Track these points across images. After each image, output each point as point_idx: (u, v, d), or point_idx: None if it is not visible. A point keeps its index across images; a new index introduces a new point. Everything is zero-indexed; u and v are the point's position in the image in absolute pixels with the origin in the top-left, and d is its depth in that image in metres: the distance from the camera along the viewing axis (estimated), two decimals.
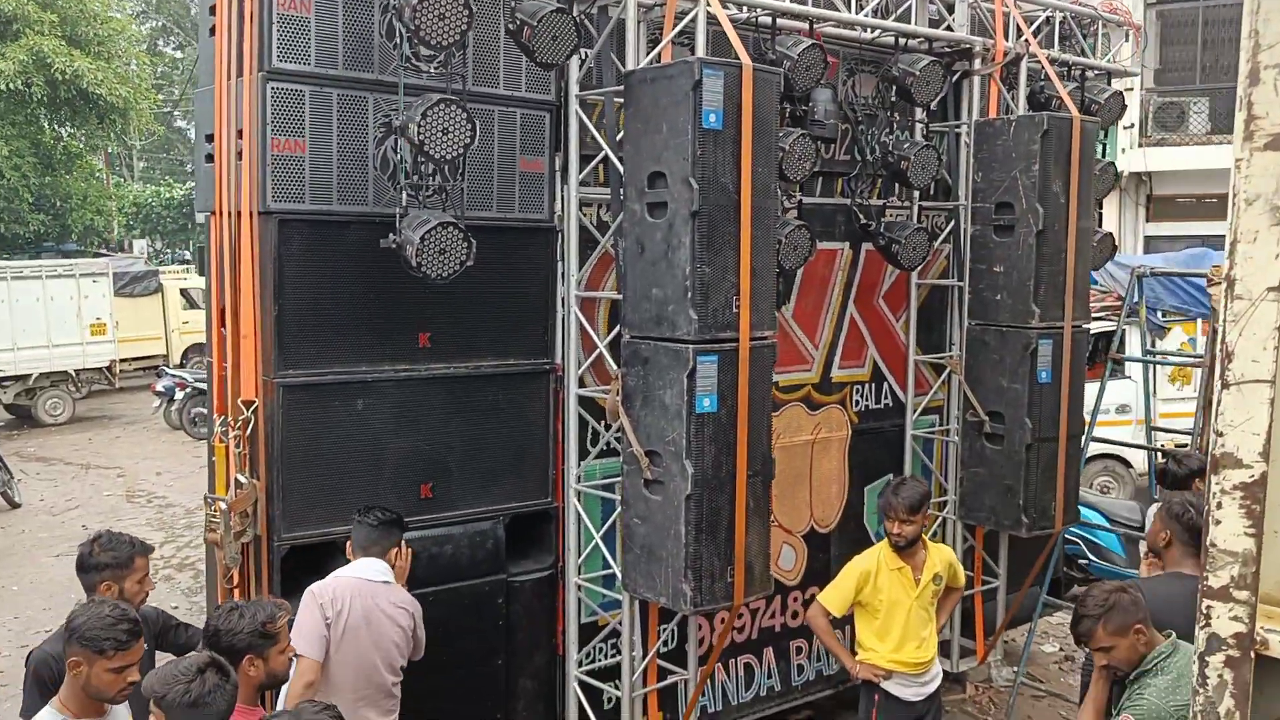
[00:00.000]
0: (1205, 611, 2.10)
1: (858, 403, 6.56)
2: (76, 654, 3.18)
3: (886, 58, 6.01)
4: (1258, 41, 1.90)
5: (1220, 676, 2.11)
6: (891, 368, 6.68)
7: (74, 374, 17.63)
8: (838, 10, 5.68)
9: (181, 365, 19.13)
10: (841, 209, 6.21)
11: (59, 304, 17.42)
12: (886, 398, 6.69)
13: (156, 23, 43.15)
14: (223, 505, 4.60)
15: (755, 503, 4.72)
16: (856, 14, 5.74)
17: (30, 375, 17.11)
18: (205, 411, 15.51)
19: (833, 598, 5.05)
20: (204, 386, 15.65)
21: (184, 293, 20.78)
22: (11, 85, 20.12)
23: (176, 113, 42.38)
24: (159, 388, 16.35)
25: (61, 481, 13.55)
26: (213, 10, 4.76)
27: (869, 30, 5.96)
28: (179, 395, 16.01)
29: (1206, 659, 2.14)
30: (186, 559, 10.20)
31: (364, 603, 4.22)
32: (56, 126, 24.18)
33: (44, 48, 20.37)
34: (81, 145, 25.75)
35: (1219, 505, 2.04)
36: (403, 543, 4.47)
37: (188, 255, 36.77)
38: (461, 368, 5.00)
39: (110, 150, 32.62)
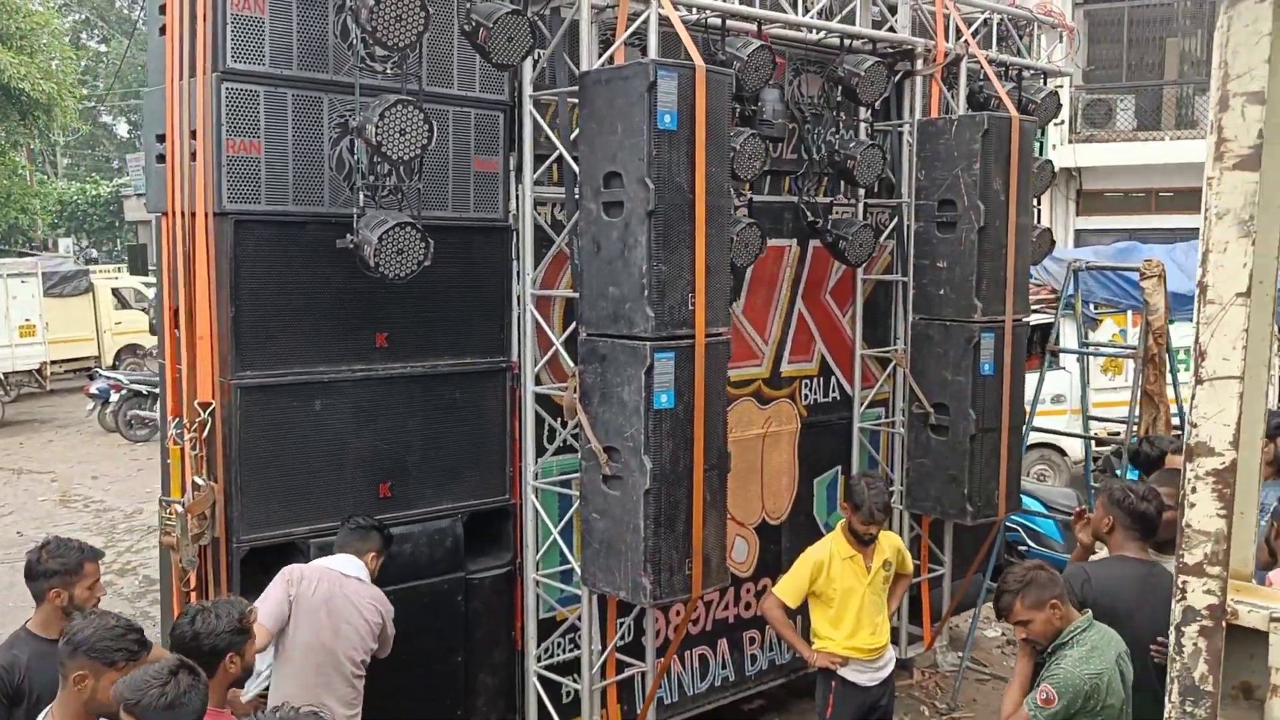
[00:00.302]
0: (1181, 586, 2.33)
1: (806, 396, 6.69)
2: (83, 667, 3.11)
3: (832, 58, 6.14)
4: (1227, 72, 2.12)
5: (1195, 645, 2.32)
6: (839, 362, 6.82)
7: (3, 377, 17.20)
8: (784, 12, 5.79)
9: (115, 367, 18.74)
10: (789, 207, 6.33)
11: None
12: (834, 391, 6.83)
13: (79, 15, 42.09)
14: (179, 508, 4.57)
15: (712, 496, 4.81)
16: (803, 16, 5.86)
17: None
18: (141, 414, 15.28)
19: (787, 589, 5.16)
20: (140, 388, 15.42)
21: (116, 292, 20.35)
22: None
23: (101, 108, 41.44)
24: (93, 390, 16.01)
25: None
26: (163, 9, 4.72)
27: (815, 31, 6.09)
28: (114, 397, 15.69)
29: (1182, 629, 2.35)
30: (129, 564, 10.02)
31: (329, 588, 4.29)
32: None
33: None
34: (3, 141, 25.06)
35: (1194, 490, 2.28)
36: (379, 557, 4.52)
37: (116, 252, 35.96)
38: (419, 367, 5.02)
39: (33, 147, 31.79)
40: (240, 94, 4.44)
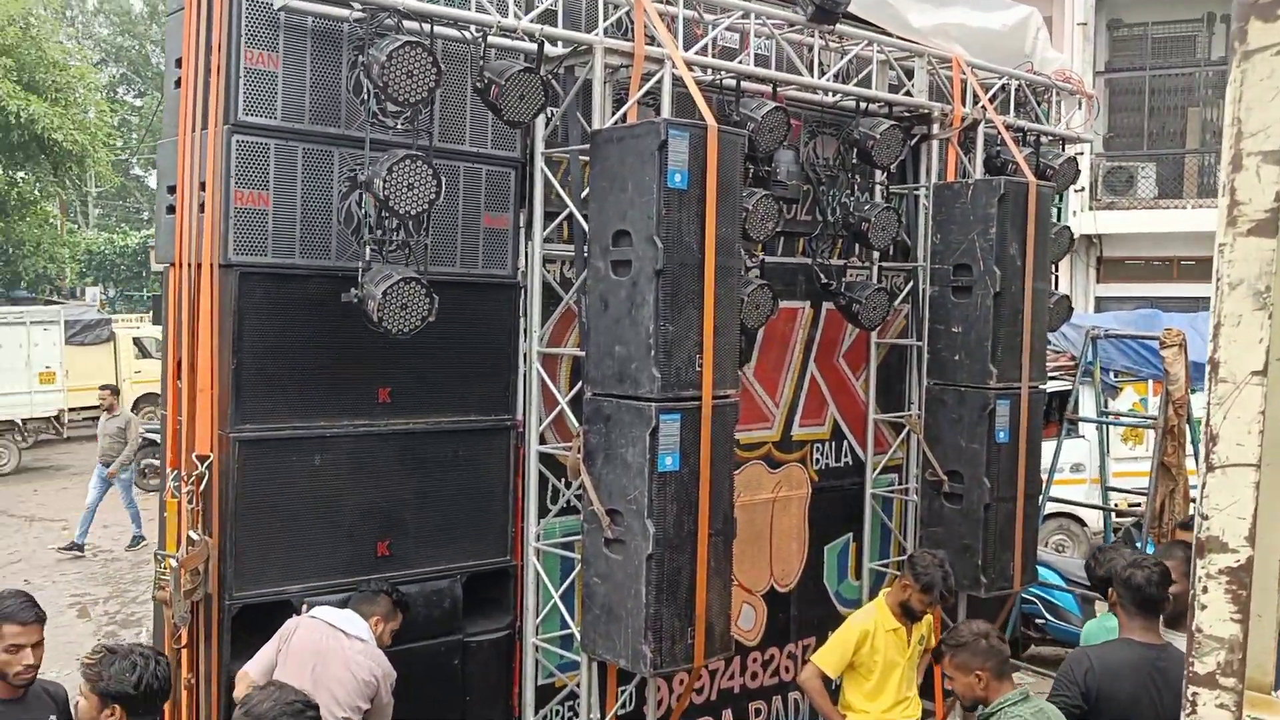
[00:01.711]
0: (1191, 699, 2.06)
1: (818, 461, 6.57)
2: None
3: (848, 121, 6.11)
4: (1240, 130, 1.93)
5: None
6: (851, 426, 6.71)
7: (20, 423, 17.24)
8: (801, 75, 5.78)
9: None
10: (803, 268, 6.27)
11: (8, 351, 17.09)
12: (846, 456, 6.71)
13: (116, 71, 42.97)
14: (173, 562, 4.49)
15: (716, 562, 4.69)
16: (819, 78, 5.85)
17: None
18: (155, 463, 15.25)
19: (830, 658, 4.95)
20: (154, 438, 15.39)
21: (137, 341, 20.47)
22: None
23: (133, 160, 42.11)
24: None
25: (4, 534, 13.19)
26: (179, 63, 4.74)
27: (831, 94, 6.07)
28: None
29: None
30: (132, 614, 9.93)
31: (322, 640, 4.23)
32: (10, 172, 23.91)
33: (0, 92, 20.17)
34: (35, 191, 25.45)
35: (1204, 590, 2.03)
36: (386, 621, 4.43)
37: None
38: (421, 423, 4.95)
39: (66, 197, 32.28)
40: (250, 146, 4.44)
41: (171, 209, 4.85)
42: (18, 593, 3.82)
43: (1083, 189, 16.17)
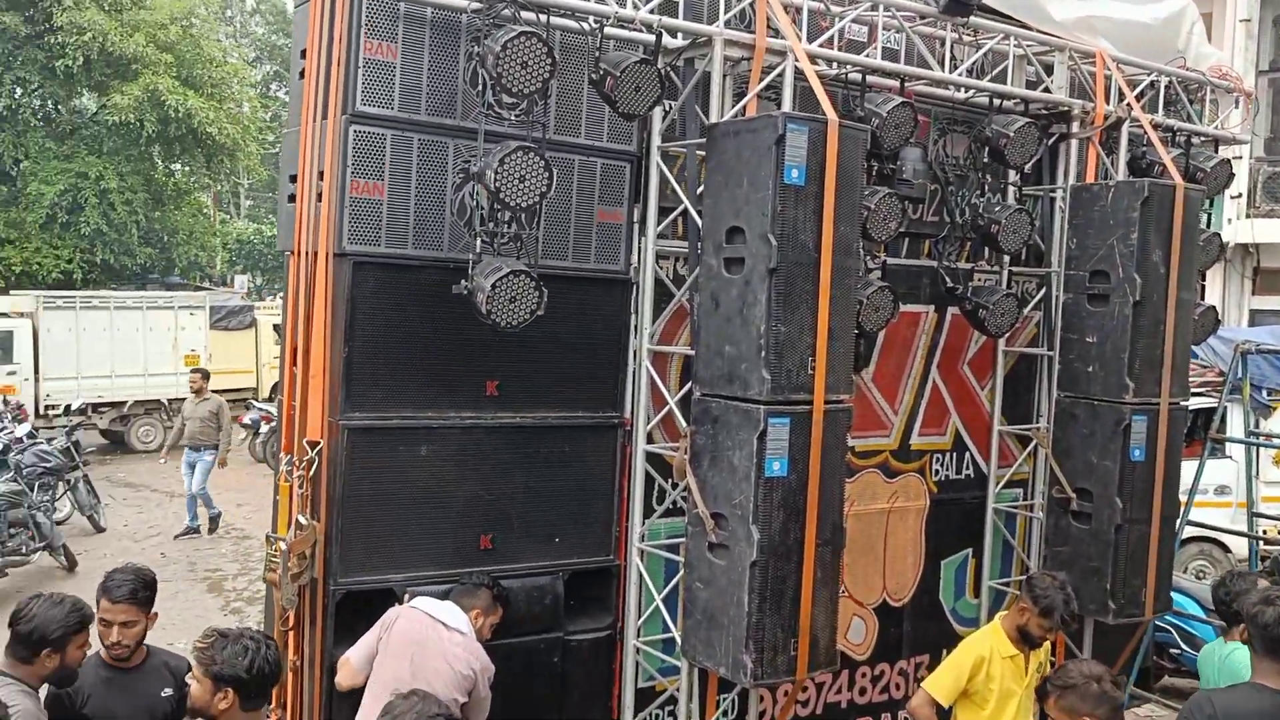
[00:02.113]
0: None
1: (937, 472, 6.31)
2: None
3: (980, 118, 5.84)
4: None
5: None
6: (974, 437, 6.42)
7: (166, 403, 18.06)
8: (931, 69, 5.55)
9: (269, 399, 19.50)
10: (927, 271, 6.03)
11: (157, 334, 17.95)
12: (968, 468, 6.44)
13: (270, 68, 44.78)
14: (283, 545, 4.57)
15: (823, 573, 4.53)
16: (950, 73, 5.61)
17: (125, 402, 17.62)
18: None
19: (943, 685, 4.65)
20: None
21: (276, 328, 21.23)
22: (125, 119, 20.95)
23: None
24: (246, 420, 16.67)
25: (146, 508, 13.83)
26: (304, 54, 4.82)
27: (963, 90, 5.81)
28: (264, 429, 16.30)
29: None
30: (258, 592, 10.25)
31: (421, 630, 4.22)
32: (168, 164, 25.12)
33: (159, 86, 21.20)
34: (191, 182, 26.70)
35: None
36: (485, 615, 4.41)
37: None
38: (528, 417, 4.92)
39: (218, 189, 33.80)
40: (367, 136, 4.48)
41: (292, 198, 4.94)
42: (131, 570, 3.94)
43: (1240, 195, 15.28)
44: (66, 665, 3.60)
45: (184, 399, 18.21)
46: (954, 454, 6.37)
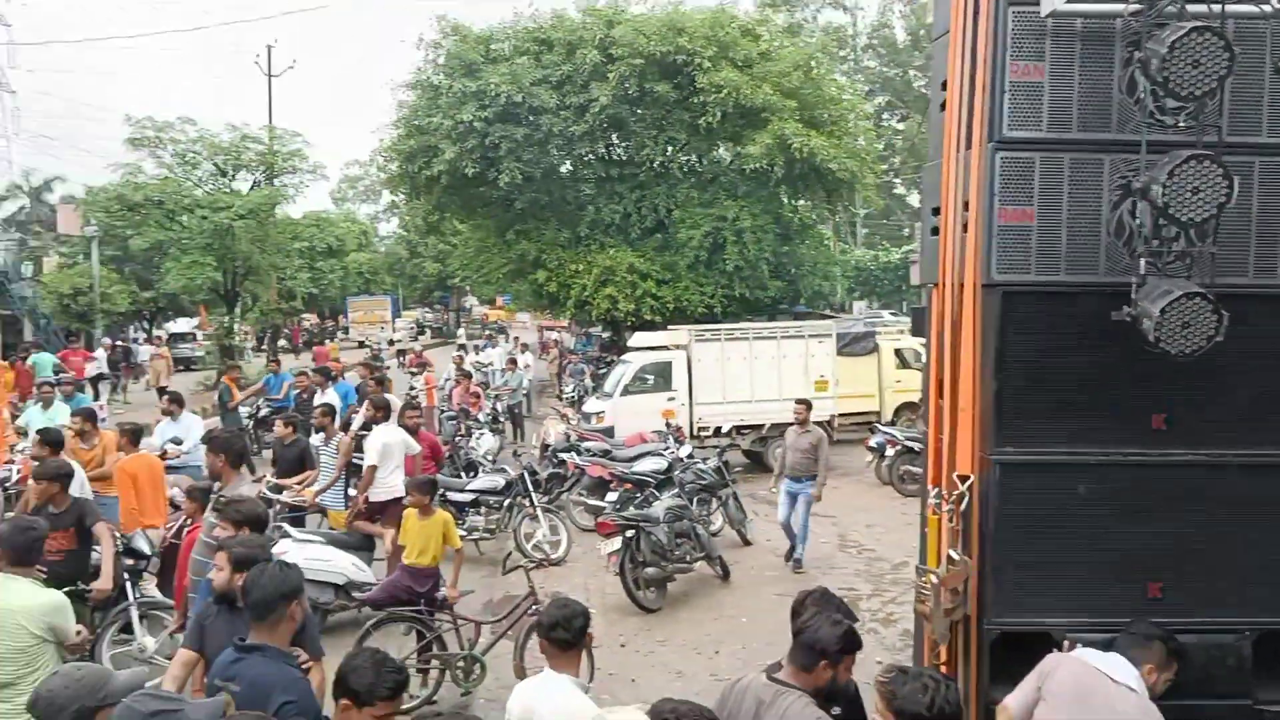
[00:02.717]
0: None
1: None
2: None
3: None
4: None
5: None
6: None
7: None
8: None
9: (893, 423, 19.93)
10: None
11: (790, 361, 19.23)
12: None
13: (882, 99, 46.26)
14: (934, 579, 4.56)
15: None
16: None
17: (764, 425, 19.07)
18: (913, 469, 15.98)
19: None
20: (913, 445, 16.15)
21: (898, 352, 21.69)
22: (759, 165, 22.96)
23: (896, 181, 44.91)
24: (872, 443, 17.16)
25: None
26: (944, 86, 4.81)
27: None
28: (889, 452, 16.64)
29: None
30: (891, 614, 10.44)
31: (1084, 684, 3.94)
32: (793, 201, 26.99)
33: (785, 131, 22.90)
34: (813, 216, 28.42)
35: None
36: (1160, 671, 4.04)
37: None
38: (1203, 455, 4.40)
39: (837, 220, 35.56)
40: (1015, 162, 4.34)
41: (935, 230, 4.94)
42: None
43: None
44: None
45: (816, 422, 19.45)
46: None
